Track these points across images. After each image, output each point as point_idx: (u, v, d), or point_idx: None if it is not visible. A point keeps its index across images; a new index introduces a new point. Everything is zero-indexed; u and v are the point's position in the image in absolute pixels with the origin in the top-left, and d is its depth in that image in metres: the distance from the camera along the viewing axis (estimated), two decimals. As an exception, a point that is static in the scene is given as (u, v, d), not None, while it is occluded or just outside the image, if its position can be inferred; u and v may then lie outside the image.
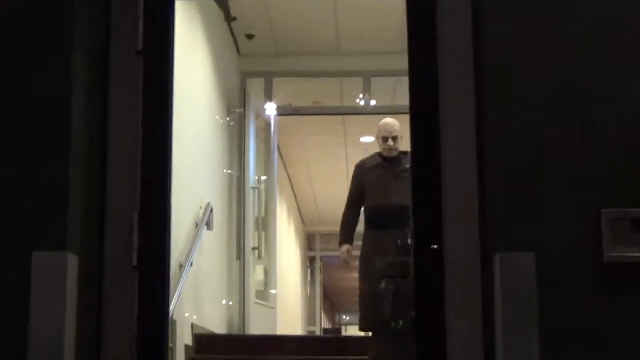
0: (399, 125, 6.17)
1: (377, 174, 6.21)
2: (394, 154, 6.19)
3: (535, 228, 2.31)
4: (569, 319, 2.25)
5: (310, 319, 18.47)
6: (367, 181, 6.24)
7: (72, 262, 2.40)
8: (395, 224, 5.57)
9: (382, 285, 5.34)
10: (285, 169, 13.57)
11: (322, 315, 20.79)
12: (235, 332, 7.82)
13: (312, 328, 18.13)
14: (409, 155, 5.81)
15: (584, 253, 2.28)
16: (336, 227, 6.76)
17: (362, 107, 8.76)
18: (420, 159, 2.68)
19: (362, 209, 6.35)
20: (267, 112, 8.87)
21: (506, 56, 2.39)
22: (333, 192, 15.38)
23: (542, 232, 2.30)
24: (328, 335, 13.56)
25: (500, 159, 2.38)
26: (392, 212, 5.77)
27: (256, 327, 7.93)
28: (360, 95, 8.70)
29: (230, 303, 7.77)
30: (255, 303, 8.06)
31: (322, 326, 20.08)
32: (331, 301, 25.69)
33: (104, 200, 2.62)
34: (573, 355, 2.23)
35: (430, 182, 2.62)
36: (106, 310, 2.56)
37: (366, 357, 5.90)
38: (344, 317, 29.33)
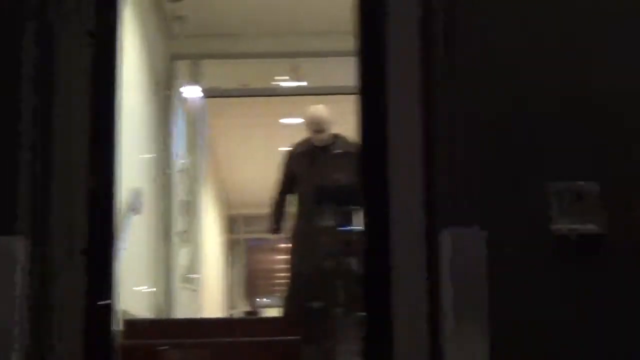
0: (327, 114, 6.17)
1: (308, 160, 6.17)
2: (325, 142, 6.19)
3: (482, 203, 2.35)
4: (518, 291, 2.30)
5: (231, 302, 18.44)
6: (298, 168, 6.21)
7: (21, 246, 2.37)
8: (330, 204, 5.59)
9: (325, 263, 5.51)
10: (210, 152, 13.51)
11: (244, 298, 20.78)
12: (162, 316, 7.79)
13: (233, 311, 18.11)
14: (341, 137, 6.13)
15: (531, 226, 2.33)
16: (259, 210, 6.84)
17: (290, 88, 8.77)
18: (366, 138, 2.70)
19: (294, 195, 6.31)
20: (194, 95, 8.82)
21: (451, 23, 2.43)
22: (257, 175, 15.37)
23: (489, 207, 2.35)
24: (255, 317, 13.56)
25: (446, 136, 2.42)
26: (326, 192, 5.75)
27: (182, 310, 7.91)
28: (287, 77, 8.71)
29: (155, 289, 7.73)
30: (181, 287, 8.04)
31: (244, 309, 20.06)
32: (251, 284, 25.67)
33: (50, 185, 2.58)
34: (521, 329, 2.29)
35: (377, 161, 2.63)
36: (54, 295, 2.53)
37: (289, 337, 5.71)
38: (262, 299, 29.34)
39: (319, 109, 6.25)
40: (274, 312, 17.28)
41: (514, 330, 2.28)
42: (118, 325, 6.00)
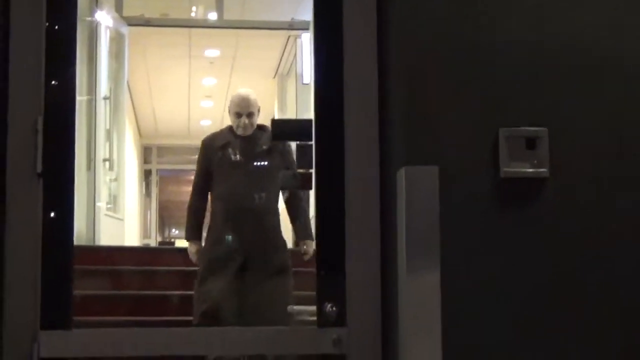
0: (255, 99, 5.39)
1: (226, 156, 5.29)
2: (249, 132, 5.36)
3: (437, 143, 2.44)
4: (468, 231, 2.41)
5: (144, 232, 18.40)
6: (214, 165, 5.32)
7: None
8: (247, 220, 5.09)
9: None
10: (130, 81, 13.35)
11: (157, 228, 20.73)
12: (84, 243, 7.77)
13: (147, 241, 18.08)
14: (268, 131, 5.23)
15: (482, 168, 2.44)
16: (173, 141, 6.65)
17: (211, 21, 8.70)
18: (322, 75, 2.74)
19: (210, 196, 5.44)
20: (117, 22, 8.70)
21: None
22: (172, 105, 15.30)
23: (443, 148, 2.44)
24: (178, 247, 13.55)
25: (402, 76, 2.48)
26: (243, 205, 5.13)
27: (106, 238, 7.91)
28: (209, 10, 8.63)
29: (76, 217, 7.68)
30: (105, 215, 8.02)
31: (157, 239, 20.04)
32: (163, 215, 25.60)
33: (6, 105, 2.58)
34: (471, 265, 2.40)
35: (331, 100, 2.69)
36: (10, 219, 2.54)
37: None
38: (174, 230, 29.32)
39: (248, 91, 5.45)
40: (185, 243, 17.26)
41: (463, 264, 2.39)
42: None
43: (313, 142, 2.72)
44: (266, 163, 5.22)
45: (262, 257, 5.14)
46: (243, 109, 5.30)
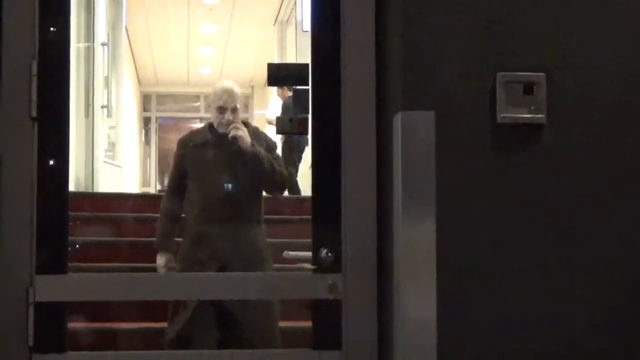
0: (239, 93, 4.69)
1: (205, 156, 4.57)
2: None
3: (434, 89, 2.42)
4: (464, 176, 2.40)
5: (144, 180, 18.38)
6: (190, 166, 4.56)
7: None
8: (224, 230, 4.39)
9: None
10: (129, 27, 13.26)
11: (157, 176, 20.70)
12: (82, 190, 7.78)
13: (146, 189, 18.07)
14: (252, 127, 4.60)
15: (479, 114, 2.42)
16: (172, 89, 6.51)
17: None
18: (319, 20, 2.72)
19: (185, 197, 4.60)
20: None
21: None
22: (171, 53, 15.19)
23: (440, 93, 2.42)
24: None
25: (399, 21, 2.45)
26: (219, 213, 4.42)
27: (105, 185, 7.90)
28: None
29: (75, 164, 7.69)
30: (104, 162, 8.01)
31: (157, 187, 20.03)
32: (162, 163, 25.59)
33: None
34: (467, 211, 2.39)
35: (328, 45, 2.67)
36: (5, 163, 2.53)
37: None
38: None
39: (232, 82, 4.69)
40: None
41: (459, 210, 2.39)
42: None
43: (309, 87, 2.70)
44: (247, 165, 4.50)
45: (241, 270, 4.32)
46: (227, 102, 4.54)
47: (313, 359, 2.62)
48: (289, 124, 3.03)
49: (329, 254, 2.59)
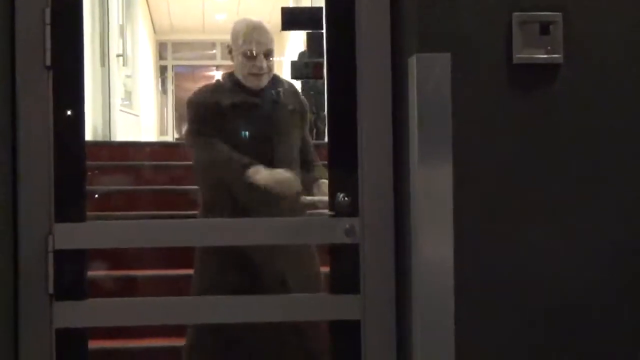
0: (271, 33, 3.41)
1: (233, 125, 3.36)
2: (265, 83, 3.38)
3: (449, 30, 2.40)
4: (480, 118, 2.38)
5: (162, 129, 18.40)
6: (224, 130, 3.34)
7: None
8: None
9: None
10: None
11: (174, 124, 20.73)
12: (100, 139, 7.80)
13: (164, 137, 18.11)
14: (281, 80, 3.38)
15: (496, 55, 2.40)
16: (188, 36, 6.24)
17: None
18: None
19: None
20: None
21: None
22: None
23: (456, 34, 2.40)
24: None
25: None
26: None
27: (122, 134, 7.92)
28: None
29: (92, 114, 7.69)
30: (121, 110, 8.01)
31: (174, 135, 20.07)
32: (180, 112, 25.62)
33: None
34: (483, 153, 2.38)
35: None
36: (21, 112, 2.54)
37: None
38: (191, 127, 29.38)
39: (259, 22, 3.39)
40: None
41: (475, 152, 2.38)
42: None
43: (324, 31, 2.68)
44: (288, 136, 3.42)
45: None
46: (259, 45, 3.34)
47: (332, 303, 2.63)
48: (304, 68, 3.01)
49: (346, 198, 2.60)
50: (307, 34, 2.94)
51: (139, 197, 5.90)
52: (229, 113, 3.35)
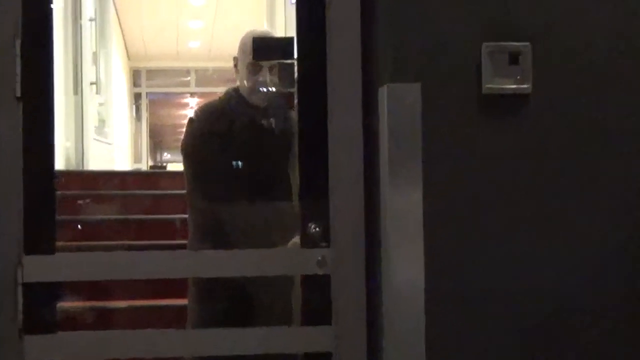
0: None
1: (236, 142, 3.25)
2: (269, 99, 3.27)
3: (420, 60, 2.41)
4: (450, 147, 2.40)
5: (135, 156, 18.37)
6: (211, 158, 3.27)
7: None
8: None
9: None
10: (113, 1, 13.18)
11: (148, 152, 20.71)
12: (72, 168, 7.75)
13: (138, 165, 18.06)
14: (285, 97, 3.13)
15: (466, 84, 2.41)
16: (162, 63, 6.37)
17: None
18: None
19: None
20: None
21: None
22: (160, 26, 15.11)
23: (426, 64, 2.41)
24: (169, 170, 13.56)
25: (385, -6, 2.45)
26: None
27: (95, 163, 7.88)
28: None
29: (66, 142, 7.66)
30: (94, 139, 7.98)
31: (148, 163, 20.03)
32: (154, 139, 25.59)
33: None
34: (453, 182, 2.40)
35: (313, 17, 2.64)
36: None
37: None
38: (165, 154, 29.35)
39: (269, 31, 3.35)
40: (178, 167, 17.24)
41: (446, 181, 2.39)
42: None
43: (295, 61, 2.68)
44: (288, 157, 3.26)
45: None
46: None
47: (304, 335, 2.62)
48: (275, 98, 3.01)
49: (317, 229, 2.59)
50: (279, 63, 2.95)
51: (111, 226, 5.88)
52: (231, 132, 3.25)
